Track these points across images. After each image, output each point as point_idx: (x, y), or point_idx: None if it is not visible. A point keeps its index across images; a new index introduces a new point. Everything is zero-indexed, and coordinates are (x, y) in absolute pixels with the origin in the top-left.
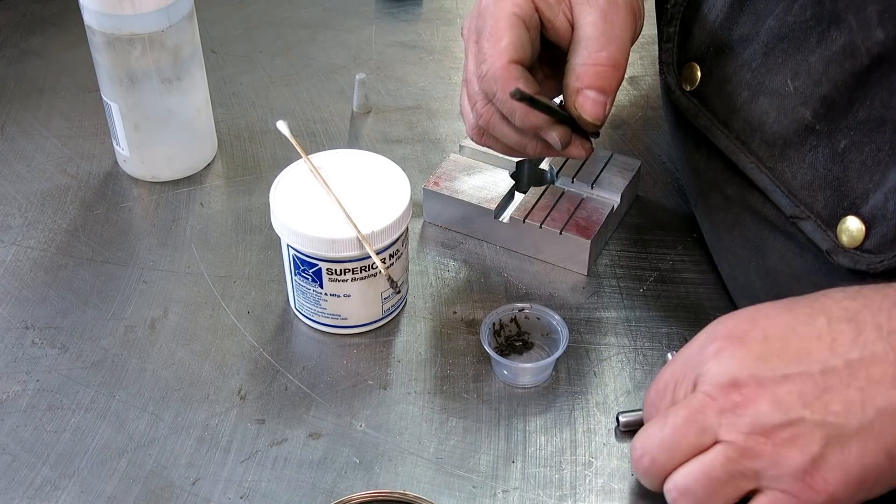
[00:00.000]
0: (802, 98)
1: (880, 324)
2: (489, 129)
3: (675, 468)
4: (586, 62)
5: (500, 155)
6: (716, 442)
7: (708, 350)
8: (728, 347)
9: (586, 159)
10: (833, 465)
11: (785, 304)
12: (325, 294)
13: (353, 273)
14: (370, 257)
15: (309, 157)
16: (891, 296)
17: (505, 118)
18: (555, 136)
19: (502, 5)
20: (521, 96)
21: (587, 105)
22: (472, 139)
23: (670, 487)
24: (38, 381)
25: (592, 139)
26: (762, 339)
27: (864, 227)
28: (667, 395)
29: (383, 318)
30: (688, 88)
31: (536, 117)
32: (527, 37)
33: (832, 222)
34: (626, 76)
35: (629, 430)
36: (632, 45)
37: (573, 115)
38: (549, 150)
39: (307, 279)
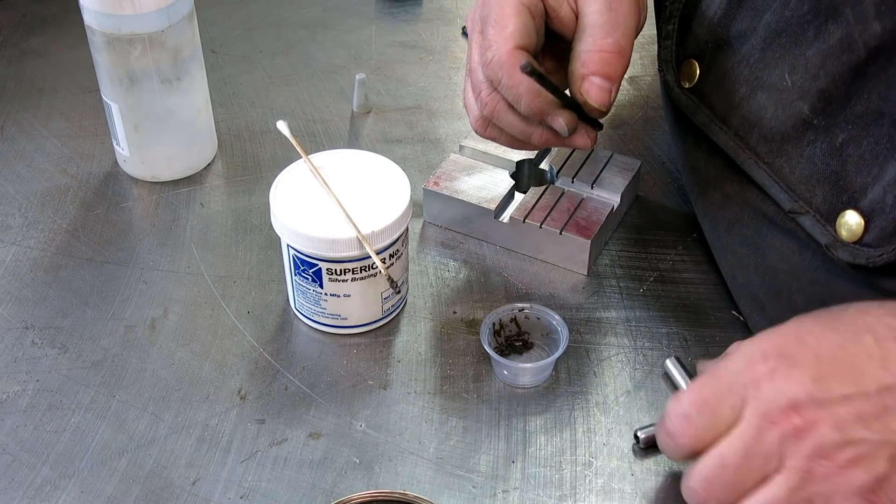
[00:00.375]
0: (800, 92)
1: None
2: (494, 118)
3: (740, 501)
4: (591, 48)
5: (502, 155)
6: (778, 468)
7: (759, 369)
8: (782, 368)
9: (589, 155)
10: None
11: (825, 320)
12: (325, 294)
13: (353, 273)
14: (370, 257)
15: (309, 157)
16: None
17: (510, 106)
18: (561, 121)
19: None
20: (530, 70)
21: (593, 91)
22: (476, 132)
23: None
24: (38, 381)
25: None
26: (815, 358)
27: (863, 221)
28: (707, 412)
29: (383, 318)
30: (686, 85)
31: (542, 101)
32: (532, 25)
33: (831, 217)
34: (626, 76)
35: (649, 446)
36: (636, 35)
37: (579, 101)
38: (555, 138)
39: (307, 279)
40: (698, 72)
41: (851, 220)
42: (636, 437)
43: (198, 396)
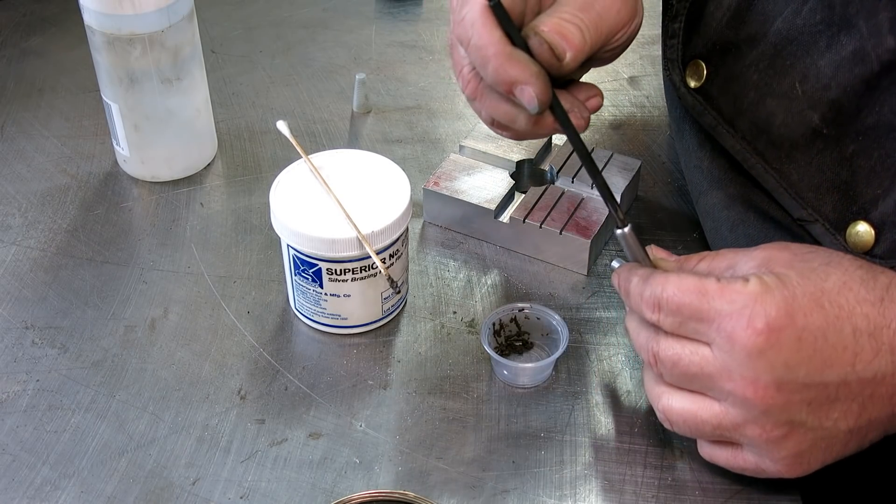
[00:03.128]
0: (811, 102)
1: (893, 345)
2: (476, 100)
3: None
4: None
5: (502, 155)
6: (720, 400)
7: (743, 335)
8: (761, 345)
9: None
10: (815, 459)
11: (814, 294)
12: (325, 294)
13: (353, 273)
14: (370, 257)
15: (309, 157)
16: None
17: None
18: (531, 91)
19: None
20: (496, 2)
21: (556, 36)
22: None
23: (661, 408)
24: (38, 381)
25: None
26: (796, 341)
27: (873, 233)
28: (681, 322)
29: (383, 318)
30: (692, 85)
31: (512, 66)
32: None
33: (841, 226)
34: (625, 76)
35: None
36: (617, 34)
37: (534, 49)
38: (545, 122)
39: (307, 279)
40: (705, 72)
41: (861, 231)
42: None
43: (198, 396)
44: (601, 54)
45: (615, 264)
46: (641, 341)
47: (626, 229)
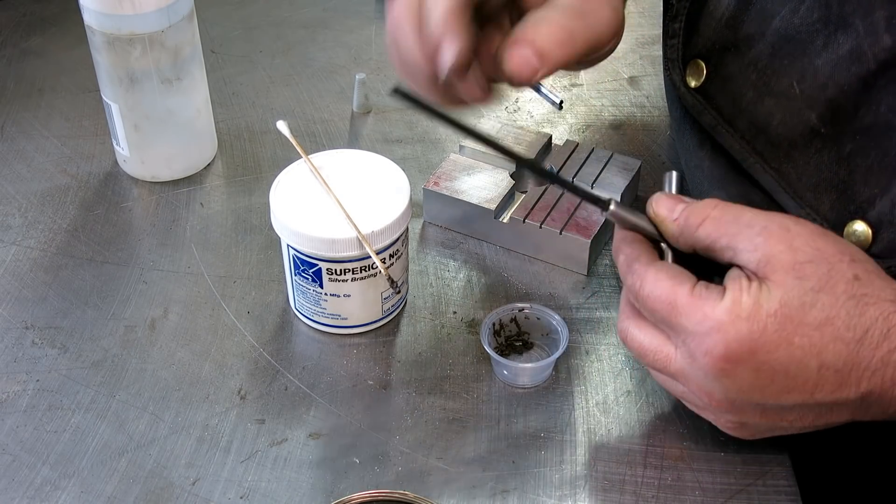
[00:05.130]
0: (808, 101)
1: (861, 380)
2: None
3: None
4: (558, 21)
5: (502, 155)
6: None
7: (701, 358)
8: (716, 372)
9: (589, 155)
10: (767, 436)
11: (788, 325)
12: (325, 294)
13: (353, 273)
14: (370, 257)
15: (309, 157)
16: (888, 361)
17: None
18: (451, 50)
19: None
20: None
21: (514, 60)
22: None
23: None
24: (38, 381)
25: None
26: (753, 371)
27: (870, 232)
28: (655, 320)
29: (383, 318)
30: (692, 85)
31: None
32: None
33: (838, 226)
34: (625, 76)
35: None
36: (603, 48)
37: (500, 62)
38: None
39: (307, 279)
40: (705, 72)
41: (859, 230)
42: (607, 204)
43: (198, 396)
44: (574, 62)
45: (613, 207)
46: (621, 315)
47: (612, 207)
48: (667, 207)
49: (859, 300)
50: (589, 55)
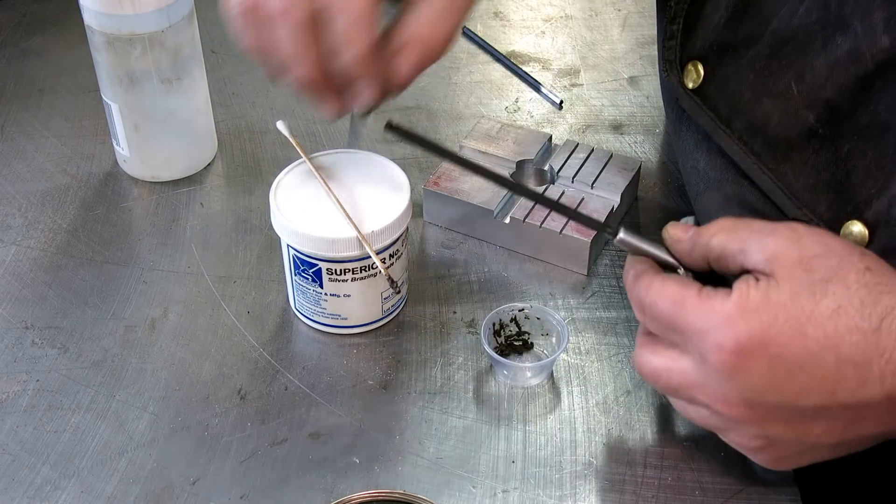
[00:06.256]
0: (806, 102)
1: (884, 375)
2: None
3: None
4: (425, 20)
5: (502, 155)
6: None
7: (712, 356)
8: (728, 368)
9: (589, 155)
10: (801, 462)
11: (799, 314)
12: (325, 294)
13: (352, 273)
14: (370, 257)
15: (310, 157)
16: None
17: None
18: (366, 94)
19: None
20: (395, 127)
21: (404, 68)
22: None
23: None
24: (38, 381)
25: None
26: (767, 366)
27: (867, 233)
28: (663, 331)
29: (383, 318)
30: (690, 86)
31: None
32: None
33: (835, 226)
34: (625, 76)
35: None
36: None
37: (388, 66)
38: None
39: (307, 279)
40: (702, 73)
41: (855, 231)
42: (614, 232)
43: (198, 396)
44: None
45: (622, 234)
46: (636, 350)
47: (621, 234)
48: (680, 230)
49: (872, 288)
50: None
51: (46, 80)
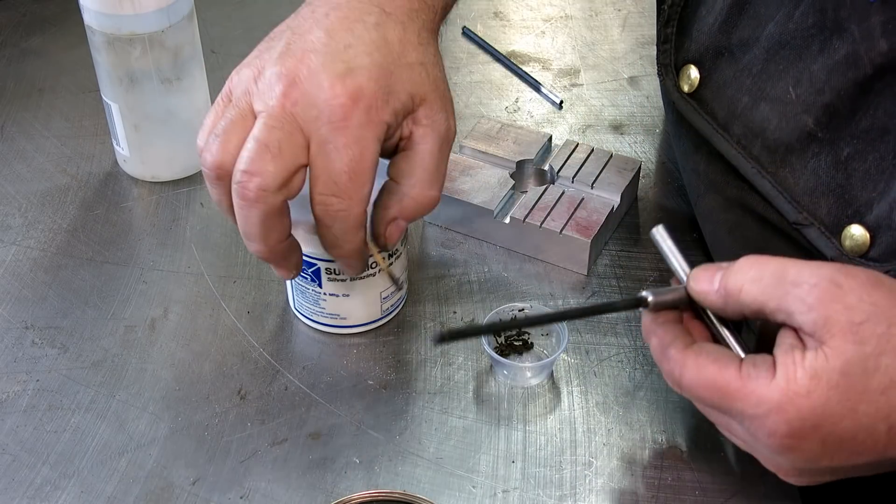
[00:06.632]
0: (804, 106)
1: None
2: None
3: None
4: (416, 197)
5: (502, 155)
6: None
7: (764, 440)
8: (781, 449)
9: (589, 155)
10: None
11: (851, 395)
12: (325, 294)
13: None
14: (369, 257)
15: None
16: None
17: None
18: (355, 272)
19: (368, 137)
20: (448, 336)
21: (395, 234)
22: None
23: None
24: (38, 381)
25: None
26: (819, 443)
27: (868, 236)
28: (704, 406)
29: (382, 317)
30: (686, 90)
31: (358, 249)
32: None
33: (836, 230)
34: (625, 76)
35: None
36: None
37: (374, 232)
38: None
39: (306, 279)
40: (698, 77)
41: (857, 234)
42: (645, 300)
43: (198, 396)
44: None
45: (651, 298)
46: (665, 363)
47: (650, 299)
48: (706, 280)
49: None
50: None
51: (46, 80)
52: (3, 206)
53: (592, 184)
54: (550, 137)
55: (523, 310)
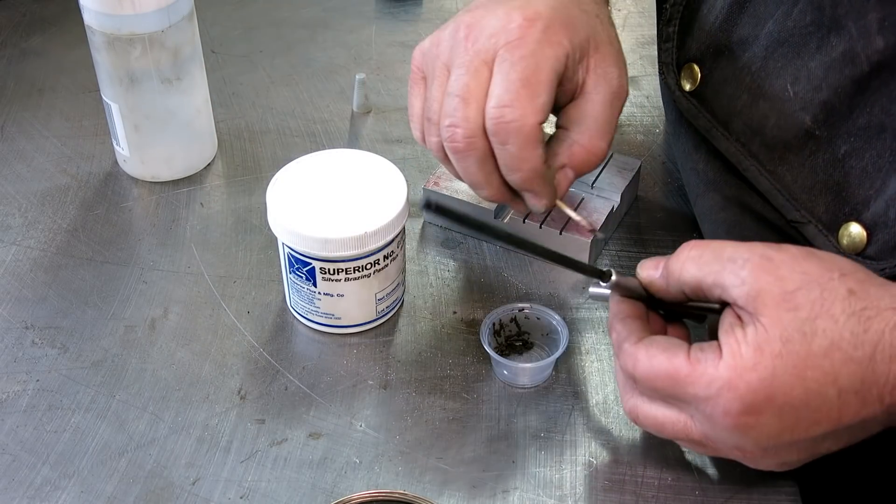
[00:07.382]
0: (802, 103)
1: (883, 395)
2: (459, 159)
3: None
4: (585, 145)
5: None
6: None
7: (721, 420)
8: (740, 427)
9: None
10: (794, 466)
11: (796, 360)
12: (319, 293)
13: (346, 273)
14: (364, 257)
15: (306, 157)
16: None
17: (484, 159)
18: (540, 204)
19: (546, 53)
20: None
21: (563, 183)
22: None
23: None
24: (38, 381)
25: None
26: (776, 416)
27: (865, 234)
28: (659, 396)
29: (378, 318)
30: (687, 88)
31: (540, 186)
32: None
33: (833, 227)
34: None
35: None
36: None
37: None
38: (505, 196)
39: (301, 277)
40: (699, 76)
41: (854, 232)
42: (609, 274)
43: (198, 396)
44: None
45: (614, 277)
46: (624, 395)
47: (613, 278)
48: (651, 266)
49: (860, 316)
50: None
51: (46, 80)
52: (3, 206)
53: (592, 184)
54: (551, 138)
55: (523, 310)
